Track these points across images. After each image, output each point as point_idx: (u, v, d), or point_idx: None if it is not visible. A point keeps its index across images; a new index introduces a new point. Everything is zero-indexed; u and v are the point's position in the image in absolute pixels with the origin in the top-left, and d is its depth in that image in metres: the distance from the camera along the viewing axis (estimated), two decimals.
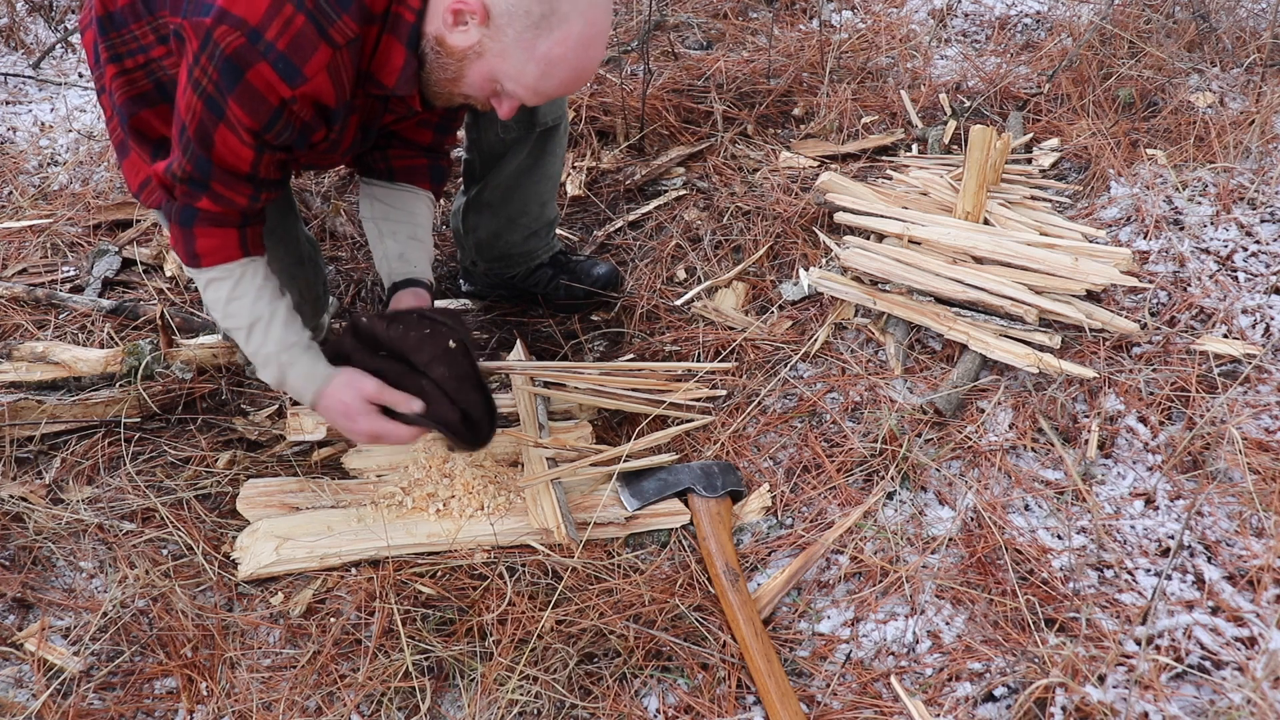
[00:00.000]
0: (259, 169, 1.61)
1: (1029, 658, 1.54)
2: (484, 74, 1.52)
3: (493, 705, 1.53)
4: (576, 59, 1.48)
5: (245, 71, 1.46)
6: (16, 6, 3.66)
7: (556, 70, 1.48)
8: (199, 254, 1.67)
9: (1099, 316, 2.01)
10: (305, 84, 1.48)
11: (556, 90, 1.53)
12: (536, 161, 2.20)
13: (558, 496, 1.82)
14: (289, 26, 1.44)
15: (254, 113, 1.51)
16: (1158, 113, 2.66)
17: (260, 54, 1.45)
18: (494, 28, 1.46)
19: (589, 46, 1.48)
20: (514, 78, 1.50)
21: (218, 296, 1.71)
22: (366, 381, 1.70)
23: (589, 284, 2.34)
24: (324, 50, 1.48)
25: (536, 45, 1.46)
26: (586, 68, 1.51)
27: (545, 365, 2.12)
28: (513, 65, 1.48)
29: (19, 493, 1.89)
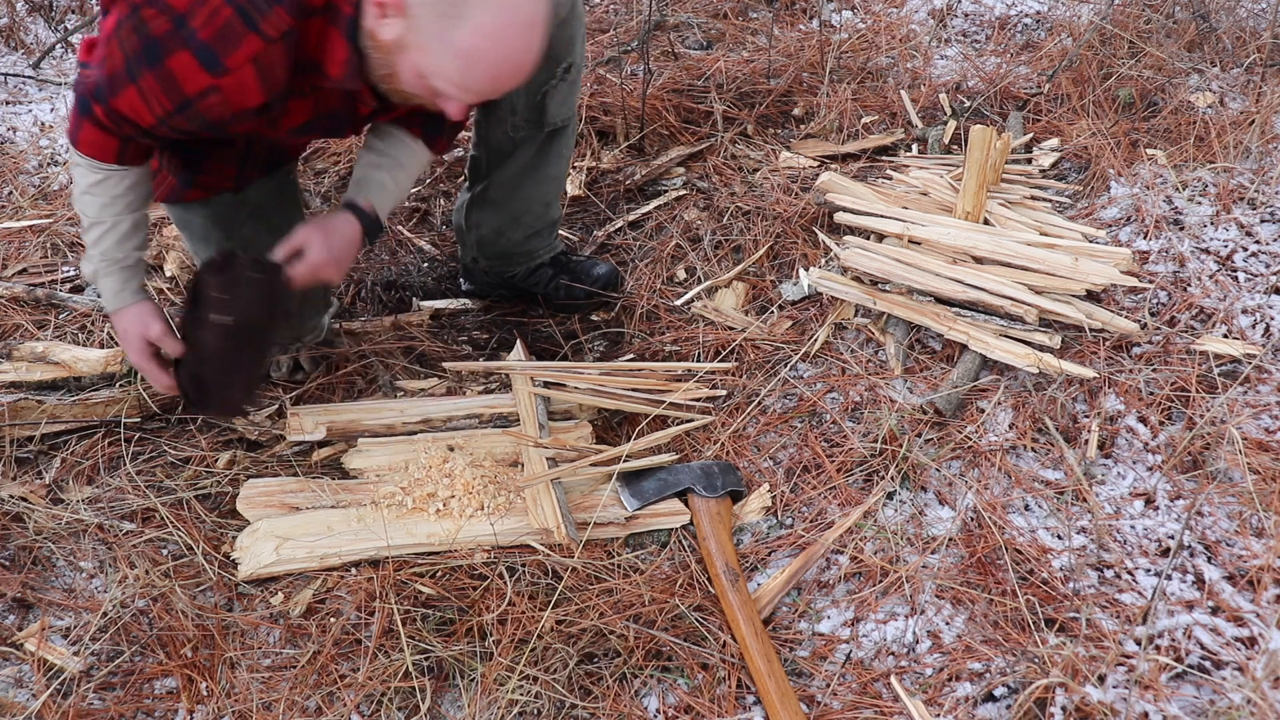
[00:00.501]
0: (155, 131, 1.59)
1: (1029, 658, 1.54)
2: (412, 69, 1.48)
3: (493, 705, 1.53)
4: (495, 50, 1.43)
5: (165, 58, 1.46)
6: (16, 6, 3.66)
7: (477, 63, 1.44)
8: (79, 140, 1.67)
9: (1099, 316, 2.01)
10: (225, 76, 1.47)
11: (485, 85, 1.48)
12: (542, 161, 2.20)
13: (558, 496, 1.82)
14: (215, 17, 1.44)
15: (167, 94, 1.49)
16: (1158, 113, 2.66)
17: (183, 41, 1.44)
18: (410, 19, 1.43)
19: (506, 36, 1.43)
20: (437, 73, 1.46)
21: (79, 181, 1.73)
22: (154, 322, 1.77)
23: (589, 284, 2.34)
24: (251, 42, 1.46)
25: (450, 37, 1.41)
26: (509, 59, 1.45)
27: (545, 365, 2.12)
28: (433, 59, 1.45)
29: (19, 493, 1.89)
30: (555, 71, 2.06)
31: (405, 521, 1.82)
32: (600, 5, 3.62)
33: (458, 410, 2.04)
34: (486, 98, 1.53)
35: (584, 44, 2.13)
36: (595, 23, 3.47)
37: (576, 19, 2.05)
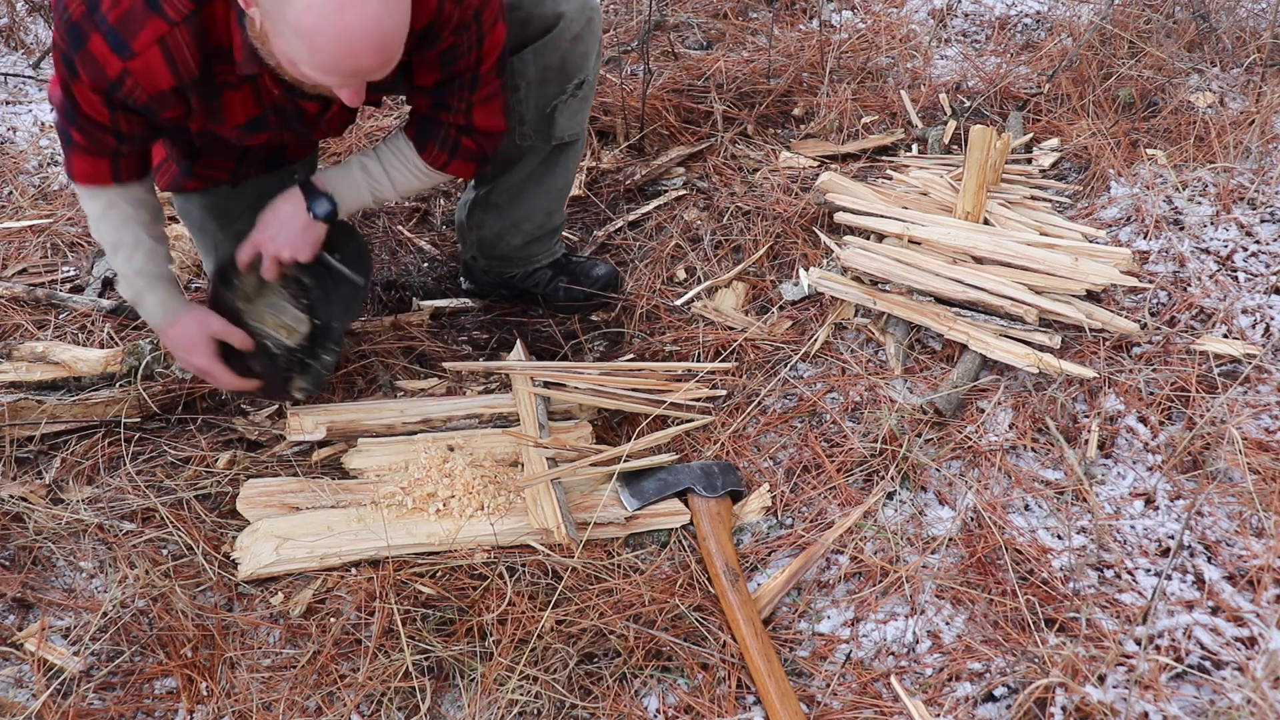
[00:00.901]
0: (118, 124, 1.62)
1: (1029, 658, 1.54)
2: (283, 55, 1.46)
3: (493, 705, 1.53)
4: (334, 26, 1.35)
5: (85, 41, 1.50)
6: (16, 6, 3.66)
7: (320, 42, 1.37)
8: (73, 173, 1.74)
9: (1099, 316, 2.01)
10: (134, 59, 1.50)
11: (340, 63, 1.40)
12: (548, 173, 2.19)
13: (558, 496, 1.82)
14: (120, 2, 1.47)
15: (96, 77, 1.54)
16: (1158, 113, 2.66)
17: (95, 24, 1.48)
18: (261, 6, 1.41)
19: (344, 9, 1.35)
20: (295, 57, 1.43)
21: (90, 213, 1.80)
22: (213, 319, 1.84)
23: (588, 285, 2.34)
24: (154, 24, 1.48)
25: (286, 17, 1.37)
26: (354, 35, 1.37)
27: (545, 365, 2.12)
28: (286, 43, 1.42)
29: (19, 493, 1.89)
30: (566, 87, 2.05)
31: (405, 521, 1.82)
32: (600, 5, 3.62)
33: (458, 410, 2.05)
34: (360, 77, 1.45)
35: (599, 62, 2.11)
36: None
37: (592, 35, 2.03)
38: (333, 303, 1.98)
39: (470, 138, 1.88)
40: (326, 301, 1.97)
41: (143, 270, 1.81)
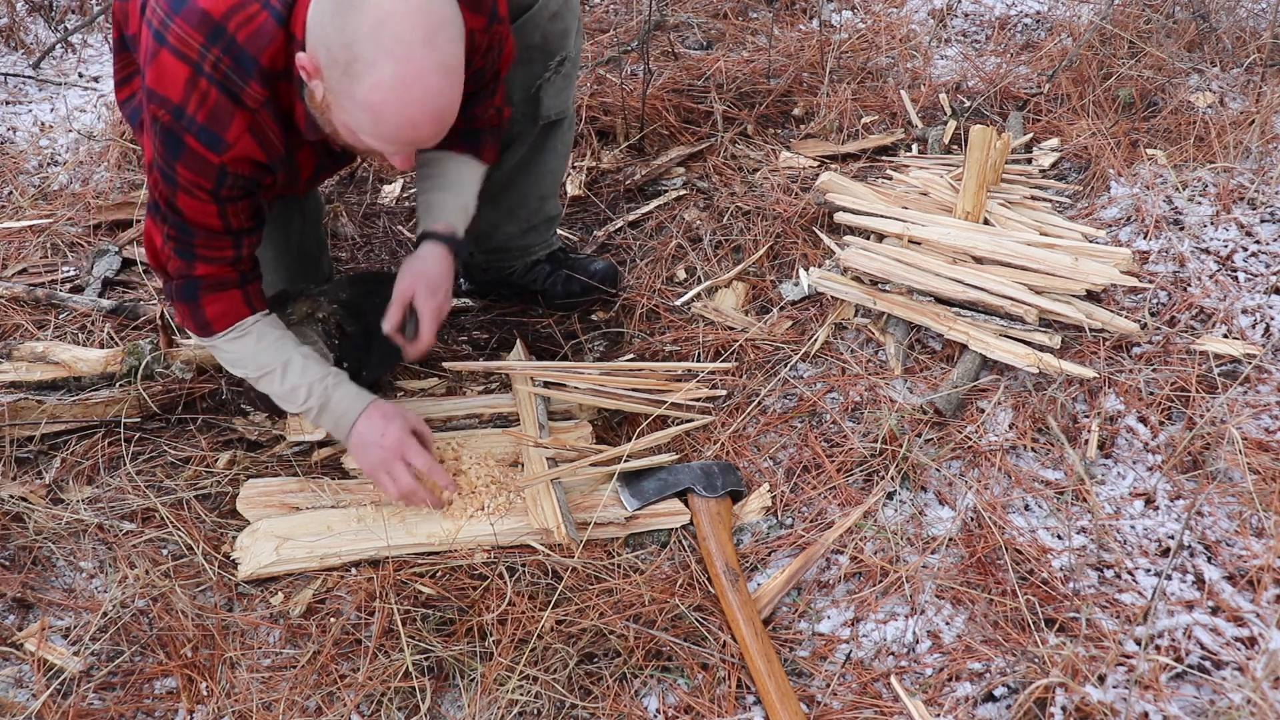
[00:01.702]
0: (229, 220, 1.67)
1: (1029, 658, 1.54)
2: (342, 126, 1.52)
3: (493, 705, 1.53)
4: (401, 102, 1.43)
5: (182, 143, 1.55)
6: (16, 6, 3.66)
7: (386, 116, 1.45)
8: (210, 321, 1.75)
9: (1099, 316, 2.01)
10: (230, 150, 1.56)
11: (402, 134, 1.48)
12: (537, 155, 2.20)
13: (558, 496, 1.81)
14: (205, 100, 1.52)
15: (201, 174, 1.58)
16: (1158, 113, 2.66)
17: (185, 128, 1.54)
18: (325, 80, 1.47)
19: (411, 87, 1.42)
20: (358, 128, 1.49)
21: (243, 359, 1.79)
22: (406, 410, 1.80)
23: (586, 278, 2.34)
24: (241, 116, 1.55)
25: (355, 93, 1.43)
26: (419, 108, 1.45)
27: (545, 365, 2.12)
28: (350, 115, 1.47)
29: (19, 493, 1.89)
30: (549, 64, 2.07)
31: (405, 522, 1.81)
32: (600, 5, 3.62)
33: (458, 410, 2.05)
34: (417, 145, 1.53)
35: (579, 37, 2.13)
36: (595, 23, 3.47)
37: (570, 11, 2.05)
38: (370, 352, 2.02)
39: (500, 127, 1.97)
40: (365, 350, 2.02)
41: (321, 375, 1.78)
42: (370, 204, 2.79)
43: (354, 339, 2.04)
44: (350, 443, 1.78)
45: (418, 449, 1.76)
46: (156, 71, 1.53)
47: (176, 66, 1.51)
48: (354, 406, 1.78)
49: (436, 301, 1.84)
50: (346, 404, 1.78)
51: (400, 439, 1.75)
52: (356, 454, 1.79)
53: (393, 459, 1.74)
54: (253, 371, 1.79)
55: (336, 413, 1.78)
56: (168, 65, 1.52)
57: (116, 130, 2.97)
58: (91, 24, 3.66)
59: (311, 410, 1.78)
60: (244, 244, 1.73)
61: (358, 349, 2.03)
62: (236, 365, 1.81)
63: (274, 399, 1.82)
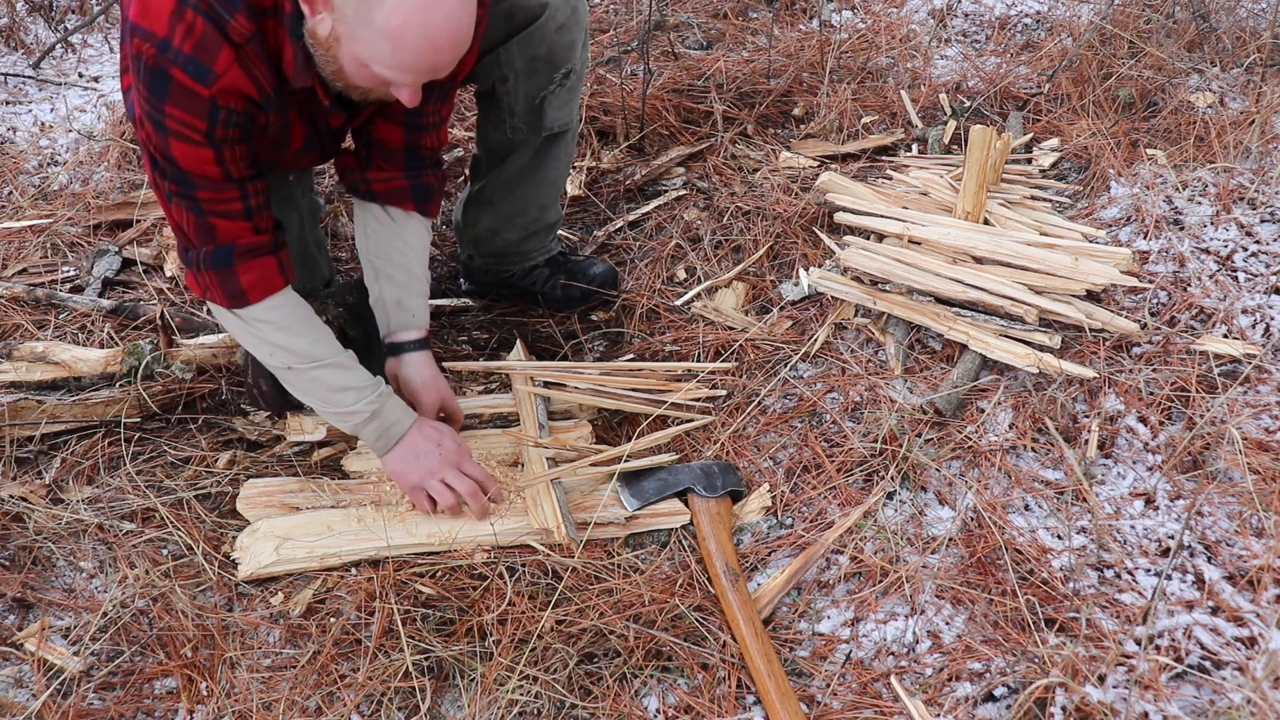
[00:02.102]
0: (227, 166, 1.60)
1: (1029, 658, 1.54)
2: (352, 60, 1.48)
3: (493, 705, 1.53)
4: (422, 25, 1.40)
5: (169, 79, 1.49)
6: (16, 6, 3.66)
7: (406, 40, 1.41)
8: (245, 290, 1.68)
9: (1099, 316, 2.01)
10: (219, 80, 1.50)
11: (421, 60, 1.45)
12: (539, 165, 2.20)
13: (558, 497, 1.81)
14: (191, 31, 1.46)
15: (191, 110, 1.52)
16: (1158, 113, 2.66)
17: (171, 60, 1.47)
18: (335, 10, 1.43)
19: (431, 10, 1.40)
20: (373, 58, 1.45)
21: (286, 337, 1.73)
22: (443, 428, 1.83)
23: (586, 283, 2.34)
24: (227, 48, 1.49)
25: (373, 18, 1.40)
26: (439, 30, 1.42)
27: (545, 365, 2.12)
28: (366, 45, 1.44)
29: (19, 493, 1.89)
30: (554, 77, 2.06)
31: (405, 522, 1.81)
32: (600, 5, 3.62)
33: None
34: (432, 75, 1.50)
35: (586, 50, 2.12)
36: (595, 23, 3.47)
37: (577, 24, 2.04)
38: (371, 356, 2.00)
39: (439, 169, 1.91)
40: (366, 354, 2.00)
41: (373, 380, 1.77)
42: None
43: (356, 343, 2.04)
44: (397, 451, 1.78)
45: (472, 461, 1.81)
46: (141, 6, 1.47)
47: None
48: (406, 419, 1.79)
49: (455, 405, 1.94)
50: (399, 415, 1.79)
51: (458, 450, 1.80)
52: (405, 464, 1.78)
53: (444, 468, 1.78)
54: (297, 361, 1.74)
55: (389, 421, 1.78)
56: None
57: (116, 130, 2.97)
58: (91, 24, 3.65)
59: (359, 415, 1.76)
60: (249, 193, 1.66)
61: (359, 353, 2.03)
62: (275, 353, 1.74)
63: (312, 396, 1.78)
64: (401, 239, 1.89)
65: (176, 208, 1.64)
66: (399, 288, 1.90)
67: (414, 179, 1.87)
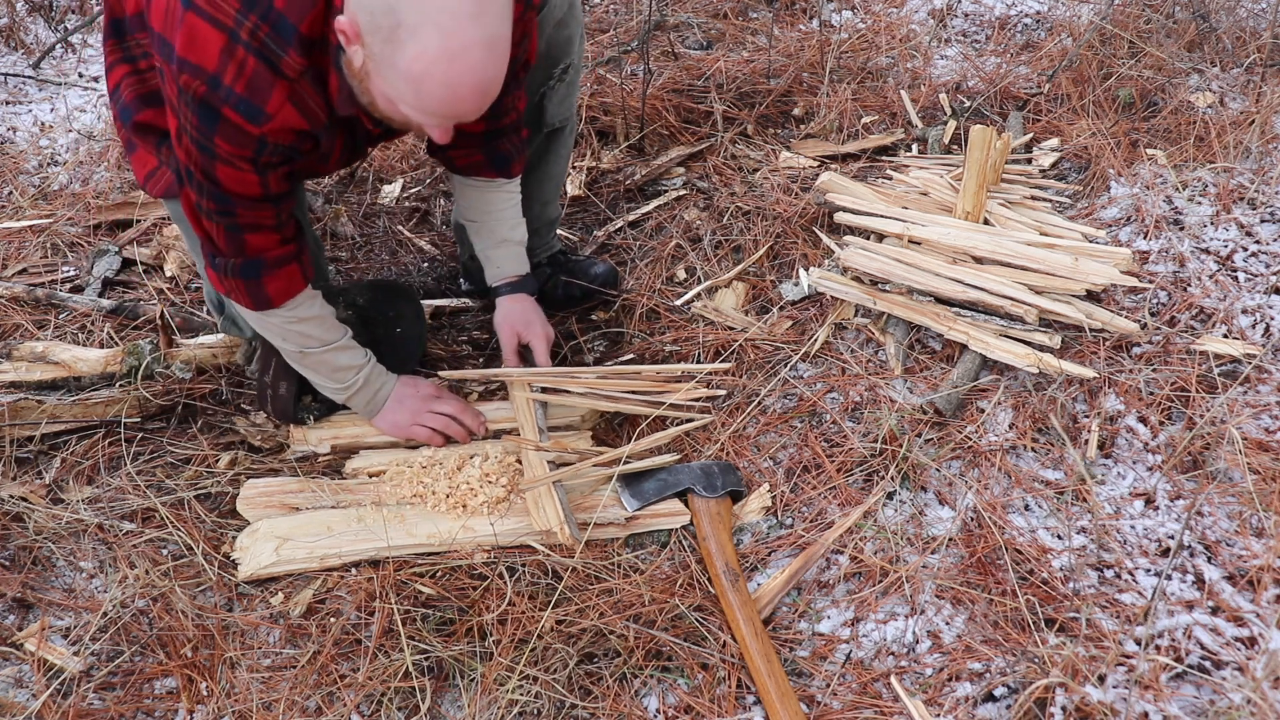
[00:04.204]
0: (269, 187, 1.63)
1: (1029, 658, 1.54)
2: (381, 95, 1.47)
3: (493, 705, 1.53)
4: (444, 74, 1.39)
5: (219, 115, 1.49)
6: (16, 6, 3.66)
7: (428, 86, 1.40)
8: (271, 296, 1.76)
9: (1099, 316, 2.01)
10: (270, 121, 1.51)
11: (445, 107, 1.44)
12: (540, 161, 2.20)
13: (560, 498, 1.81)
14: (243, 70, 1.46)
15: (241, 144, 1.53)
16: (1158, 113, 2.66)
17: (223, 99, 1.47)
18: (366, 46, 1.42)
19: (455, 60, 1.38)
20: (398, 98, 1.44)
21: (302, 337, 1.83)
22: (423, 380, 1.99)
23: (586, 282, 2.34)
24: (281, 86, 1.49)
25: (396, 61, 1.39)
26: (463, 80, 1.41)
27: (540, 371, 2.09)
28: (390, 84, 1.43)
29: (19, 493, 1.89)
30: (553, 73, 2.06)
31: (405, 522, 1.81)
32: (600, 5, 3.62)
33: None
34: (458, 119, 1.50)
35: (582, 44, 2.13)
36: (595, 23, 3.47)
37: (574, 19, 2.04)
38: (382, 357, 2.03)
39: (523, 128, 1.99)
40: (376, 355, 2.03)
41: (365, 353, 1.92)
42: (370, 204, 2.79)
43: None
44: (387, 406, 1.95)
45: (448, 395, 1.99)
46: (187, 38, 1.45)
47: (209, 33, 1.44)
48: (389, 382, 1.96)
49: (535, 331, 2.06)
50: (382, 380, 1.95)
51: (432, 389, 1.98)
52: (391, 415, 1.95)
53: (424, 408, 1.94)
54: (311, 346, 1.84)
55: (375, 386, 1.94)
56: (200, 31, 1.44)
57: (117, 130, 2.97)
58: (91, 24, 3.65)
59: (352, 386, 1.91)
60: (283, 210, 1.70)
61: None
62: (290, 338, 1.83)
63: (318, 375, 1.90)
64: (484, 202, 2.03)
65: (208, 221, 1.67)
66: (485, 243, 2.08)
67: (491, 151, 1.95)
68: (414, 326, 2.15)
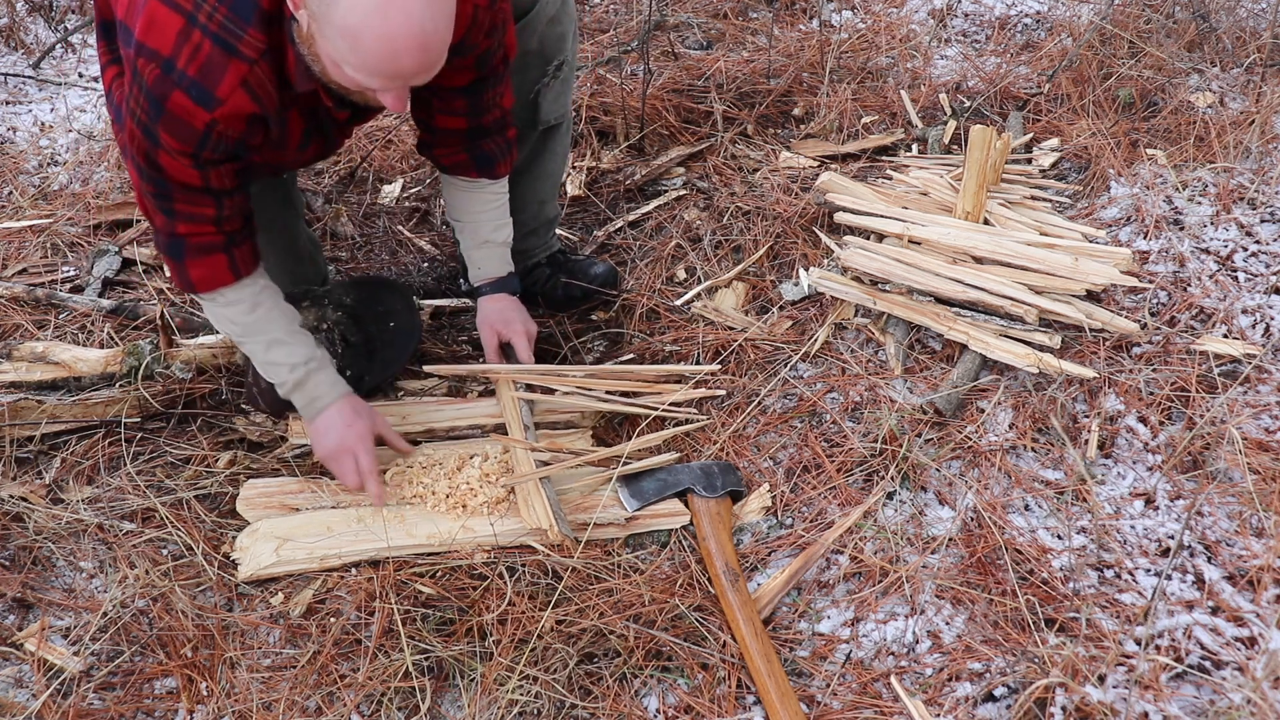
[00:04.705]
0: (210, 181, 1.62)
1: (1029, 658, 1.54)
2: (327, 59, 1.44)
3: (493, 705, 1.53)
4: (380, 26, 1.35)
5: (164, 102, 1.49)
6: (16, 6, 3.66)
7: (363, 42, 1.36)
8: (193, 281, 1.75)
9: (1099, 316, 2.01)
10: (221, 106, 1.50)
11: (384, 64, 1.39)
12: (536, 159, 2.20)
13: (548, 495, 1.81)
14: (198, 53, 1.46)
15: (182, 138, 1.53)
16: (1158, 113, 2.66)
17: (174, 83, 1.47)
18: (308, 7, 1.39)
19: (390, 11, 1.34)
20: (340, 58, 1.41)
21: (234, 322, 1.81)
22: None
23: (587, 283, 2.34)
24: (235, 68, 1.48)
25: (333, 18, 1.36)
26: (395, 34, 1.36)
27: (527, 369, 2.08)
28: (330, 43, 1.40)
29: (19, 493, 1.89)
30: (547, 70, 2.06)
31: (405, 522, 1.81)
32: (600, 5, 3.62)
33: (460, 419, 2.03)
34: (402, 79, 1.45)
35: (576, 41, 2.13)
36: (595, 23, 3.47)
37: (567, 16, 2.04)
38: (373, 361, 2.05)
39: (510, 128, 1.96)
40: (368, 359, 2.05)
41: (308, 357, 1.84)
42: (370, 204, 2.79)
43: (356, 348, 2.04)
44: (314, 425, 1.85)
45: (368, 451, 1.82)
46: (146, 22, 1.45)
47: (168, 17, 1.44)
48: (329, 394, 1.85)
49: (515, 329, 2.04)
50: (323, 390, 1.85)
51: (363, 435, 1.83)
52: (318, 438, 1.85)
53: (345, 450, 1.82)
54: (237, 333, 1.83)
55: (311, 395, 1.84)
56: (158, 15, 1.44)
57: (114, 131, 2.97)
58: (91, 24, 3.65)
59: (286, 385, 1.84)
60: (225, 204, 1.68)
61: (360, 358, 2.03)
62: (229, 330, 1.83)
63: (254, 362, 1.88)
64: (468, 201, 2.02)
65: (149, 201, 1.67)
66: (468, 243, 2.08)
67: (474, 151, 1.94)
68: (407, 319, 2.14)
